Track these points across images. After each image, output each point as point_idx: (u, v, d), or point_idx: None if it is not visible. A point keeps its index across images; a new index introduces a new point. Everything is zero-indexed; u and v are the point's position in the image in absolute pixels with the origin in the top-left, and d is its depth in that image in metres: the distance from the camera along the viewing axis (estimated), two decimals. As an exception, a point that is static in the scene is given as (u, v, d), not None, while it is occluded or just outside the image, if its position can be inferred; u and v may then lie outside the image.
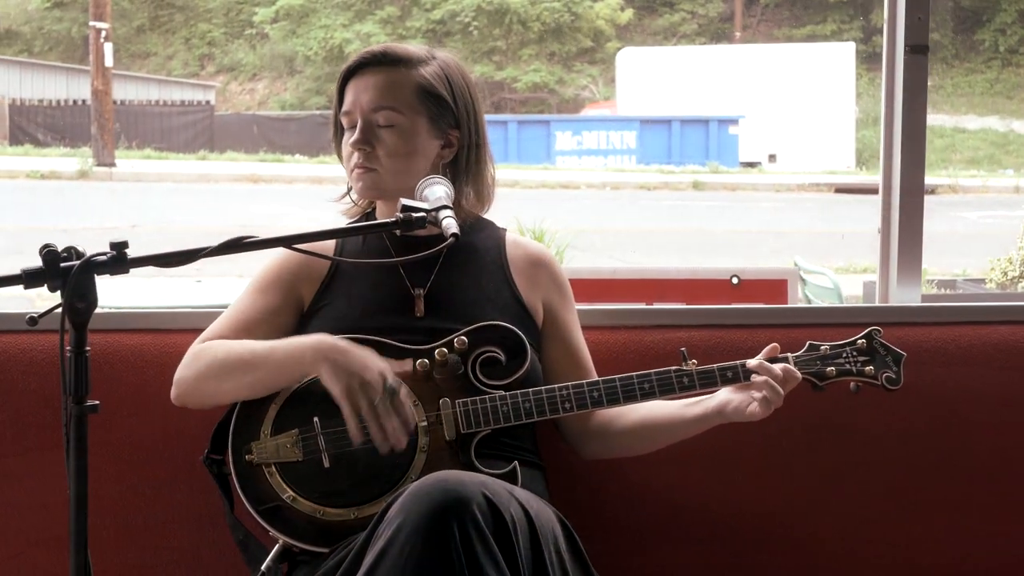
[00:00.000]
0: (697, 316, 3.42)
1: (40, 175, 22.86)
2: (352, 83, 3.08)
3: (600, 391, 2.98)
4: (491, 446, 2.95)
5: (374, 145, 3.03)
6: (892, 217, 3.61)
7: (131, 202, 19.59)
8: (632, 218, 19.34)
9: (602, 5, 34.99)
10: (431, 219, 2.65)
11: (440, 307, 3.04)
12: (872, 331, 3.05)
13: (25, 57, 34.56)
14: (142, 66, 35.53)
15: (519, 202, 20.34)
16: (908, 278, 3.59)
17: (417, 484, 2.60)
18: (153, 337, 3.25)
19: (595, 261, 14.67)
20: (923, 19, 3.54)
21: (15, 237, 15.34)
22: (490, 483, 2.65)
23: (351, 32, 33.44)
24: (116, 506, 3.21)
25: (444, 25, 34.07)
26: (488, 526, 2.56)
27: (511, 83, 34.20)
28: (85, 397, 2.41)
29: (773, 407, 2.95)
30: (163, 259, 2.50)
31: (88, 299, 2.40)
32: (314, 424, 2.89)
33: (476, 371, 2.96)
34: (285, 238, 2.57)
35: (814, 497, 3.37)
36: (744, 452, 3.30)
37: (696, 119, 28.01)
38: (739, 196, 22.65)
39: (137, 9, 36.75)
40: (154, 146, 27.99)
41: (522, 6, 33.96)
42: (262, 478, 2.89)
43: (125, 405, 3.21)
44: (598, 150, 28.05)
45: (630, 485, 3.29)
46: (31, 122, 30.88)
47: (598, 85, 34.39)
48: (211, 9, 36.71)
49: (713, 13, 36.22)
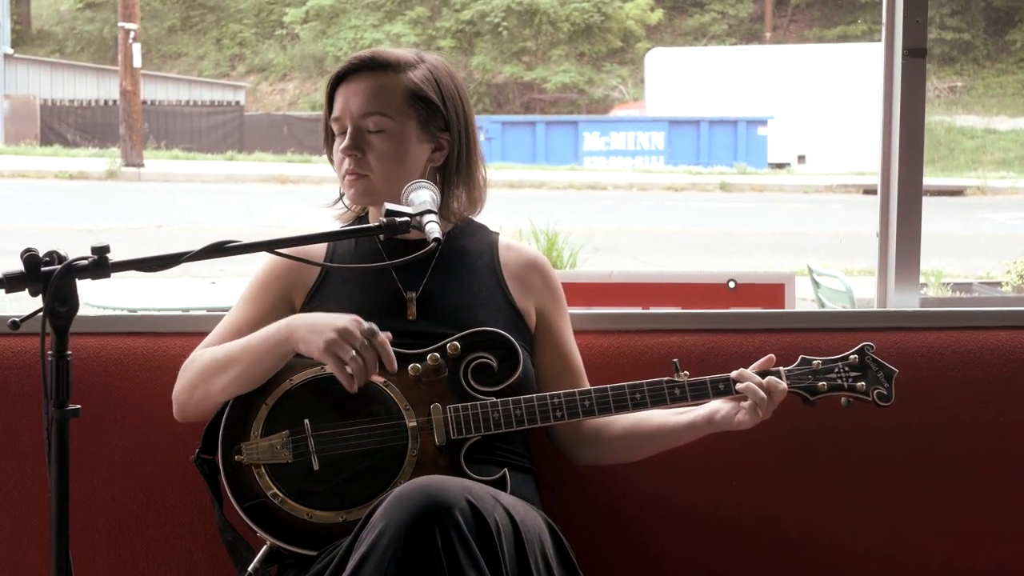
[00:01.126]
0: (692, 320, 3.41)
1: (68, 175, 22.96)
2: (341, 89, 3.08)
3: (591, 400, 2.98)
4: (483, 450, 2.95)
5: (364, 151, 3.03)
6: (890, 221, 3.60)
7: (158, 202, 19.65)
8: (657, 219, 19.30)
9: (632, 6, 34.95)
10: (415, 224, 2.66)
11: (432, 311, 3.05)
12: (864, 347, 3.06)
13: (57, 57, 34.73)
14: (173, 66, 35.66)
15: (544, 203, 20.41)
16: (906, 282, 3.57)
17: (400, 489, 2.60)
18: (145, 340, 3.26)
19: (618, 263, 14.66)
20: (921, 22, 3.52)
21: (39, 237, 15.39)
22: (474, 489, 2.65)
23: (381, 33, 33.47)
24: (108, 509, 3.22)
25: (474, 25, 34.09)
26: (471, 532, 2.56)
27: (541, 83, 34.20)
28: (67, 401, 2.42)
29: (761, 417, 2.95)
30: (145, 263, 2.51)
31: (69, 303, 2.41)
32: (304, 426, 2.89)
33: (468, 377, 2.95)
34: (268, 242, 2.57)
35: (809, 503, 3.35)
36: (738, 457, 3.29)
37: (724, 120, 27.95)
38: (766, 197, 22.60)
39: (168, 10, 36.89)
40: (182, 146, 28.07)
41: (552, 6, 33.94)
42: (251, 479, 2.90)
43: (117, 408, 3.22)
44: (626, 151, 28.01)
45: (623, 490, 3.28)
46: (62, 122, 31.03)
47: (628, 86, 34.36)
48: (242, 9, 36.81)
49: (743, 14, 36.14)
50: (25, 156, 25.28)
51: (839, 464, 3.35)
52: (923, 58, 3.53)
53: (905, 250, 3.58)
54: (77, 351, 3.17)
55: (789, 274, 4.39)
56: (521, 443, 3.06)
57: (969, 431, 3.39)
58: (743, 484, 3.33)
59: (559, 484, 3.23)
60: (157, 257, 2.50)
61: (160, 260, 2.50)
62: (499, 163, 26.48)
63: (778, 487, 3.35)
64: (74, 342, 3.20)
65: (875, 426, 3.31)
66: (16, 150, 26.67)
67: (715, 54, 32.01)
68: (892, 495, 3.37)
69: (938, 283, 10.31)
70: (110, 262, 2.44)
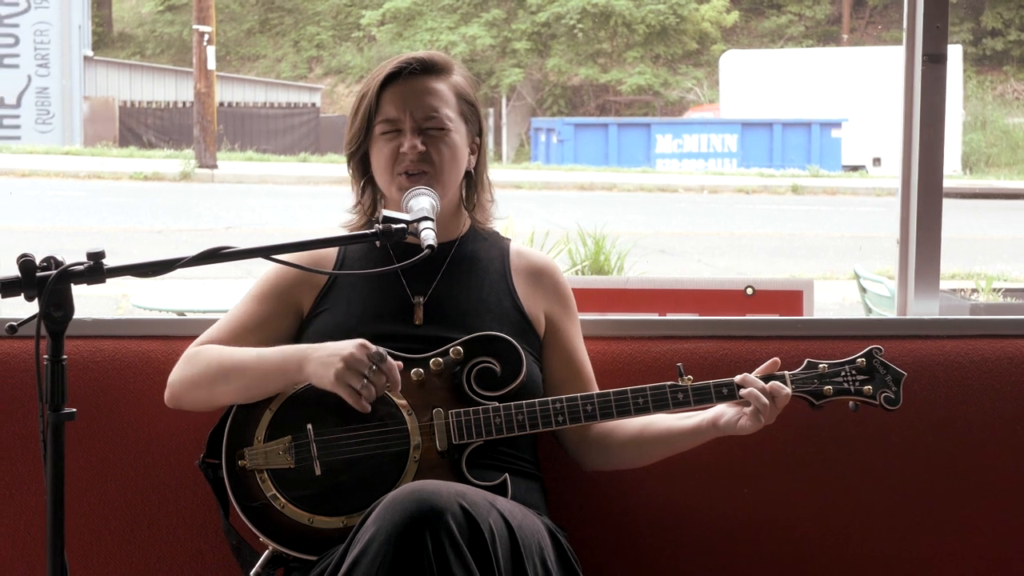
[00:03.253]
0: (706, 327, 3.40)
1: (143, 177, 23.14)
2: (394, 89, 3.07)
3: (594, 405, 2.97)
4: (488, 455, 2.96)
5: (428, 152, 3.03)
6: (910, 228, 3.56)
7: (229, 204, 19.76)
8: (727, 222, 19.21)
9: (708, 7, 34.76)
10: (411, 230, 2.67)
11: (439, 316, 3.05)
12: (873, 350, 3.03)
13: (138, 60, 35.03)
14: (251, 68, 35.86)
15: (614, 205, 20.38)
16: (926, 289, 3.54)
17: (393, 494, 2.62)
18: (162, 343, 3.29)
19: (682, 266, 14.61)
20: (941, 28, 3.49)
21: (111, 239, 15.54)
22: (469, 494, 2.65)
23: (456, 35, 33.50)
24: (122, 510, 3.25)
25: (549, 27, 34.02)
26: (463, 537, 2.57)
27: (616, 85, 34.10)
28: (62, 405, 2.45)
29: (764, 421, 2.93)
30: (140, 269, 2.54)
31: (65, 308, 2.44)
32: (307, 431, 2.91)
33: (471, 381, 2.96)
34: (266, 248, 2.59)
35: (822, 512, 3.33)
36: (746, 464, 3.28)
37: (798, 122, 27.75)
38: (838, 200, 22.41)
39: (247, 12, 37.10)
40: (256, 148, 28.22)
41: (627, 8, 33.82)
42: (254, 483, 2.92)
43: (131, 410, 3.26)
44: (699, 153, 27.88)
45: (632, 497, 3.28)
46: (140, 124, 31.30)
47: (703, 88, 34.19)
48: (320, 12, 36.94)
49: (820, 15, 35.86)
50: (101, 157, 25.52)
51: (852, 473, 3.32)
52: (943, 64, 3.50)
53: (925, 256, 3.55)
54: (92, 354, 3.23)
55: (807, 281, 4.35)
56: (528, 448, 3.06)
57: (986, 442, 3.35)
58: (752, 491, 3.31)
59: (568, 490, 3.22)
60: (152, 263, 2.52)
61: (155, 266, 2.53)
62: (570, 165, 26.46)
63: (790, 495, 3.33)
64: (93, 344, 3.28)
65: (889, 435, 3.29)
66: (93, 151, 26.92)
67: (790, 56, 31.78)
68: (906, 505, 3.34)
69: (989, 288, 10.17)
70: (105, 268, 2.47)
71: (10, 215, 17.81)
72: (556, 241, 9.82)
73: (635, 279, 4.31)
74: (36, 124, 30.64)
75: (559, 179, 24.43)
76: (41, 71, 30.88)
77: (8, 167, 23.82)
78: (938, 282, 3.55)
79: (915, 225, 3.55)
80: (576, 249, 9.75)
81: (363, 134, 3.09)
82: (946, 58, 3.49)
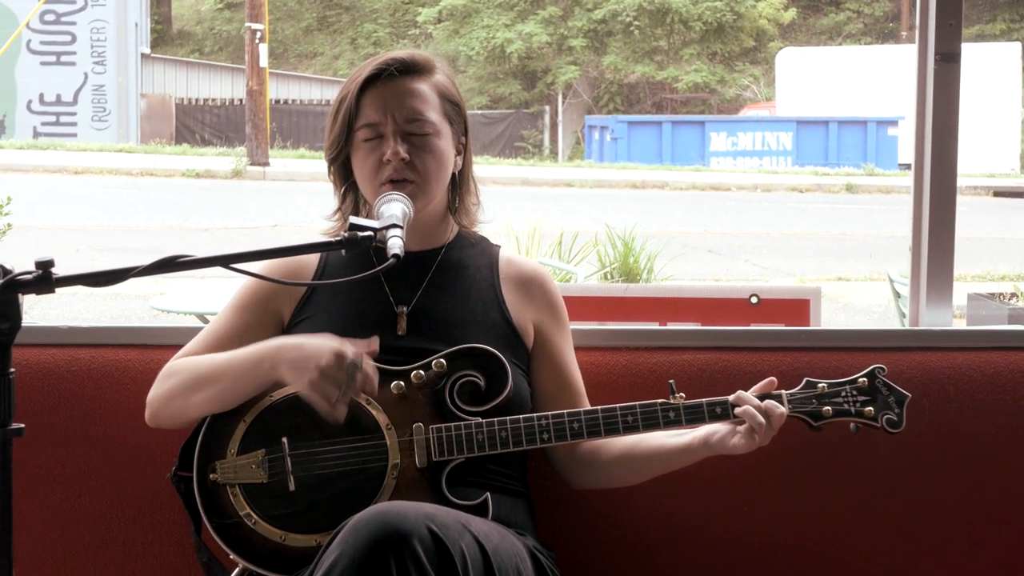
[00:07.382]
0: (706, 338, 3.27)
1: (195, 174, 23.22)
2: (374, 92, 2.94)
3: (580, 423, 2.85)
4: (471, 472, 2.84)
5: (412, 157, 2.91)
6: (922, 233, 3.42)
7: (278, 201, 19.77)
8: (778, 221, 19.03)
9: (765, 4, 34.58)
10: (379, 239, 2.55)
11: (423, 326, 2.94)
12: (875, 369, 2.90)
13: (196, 57, 35.22)
14: (309, 66, 35.97)
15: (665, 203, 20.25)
16: (938, 298, 3.38)
17: (358, 516, 2.51)
18: (138, 353, 3.20)
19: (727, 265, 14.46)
20: (954, 25, 3.35)
21: (157, 236, 15.57)
22: (439, 516, 2.54)
23: (513, 32, 33.48)
24: (96, 525, 3.16)
25: (606, 25, 33.94)
26: (431, 562, 2.46)
27: (672, 83, 33.97)
28: (9, 420, 2.35)
29: (758, 442, 2.80)
30: (91, 278, 2.43)
31: (11, 319, 2.34)
32: (282, 445, 2.80)
33: (453, 396, 2.84)
34: (223, 257, 2.48)
35: (824, 531, 3.20)
36: (744, 480, 3.16)
37: (854, 120, 27.54)
38: (892, 199, 22.16)
39: (305, 10, 37.22)
40: (308, 146, 28.24)
41: (684, 5, 33.68)
42: (225, 499, 2.81)
43: (106, 422, 3.17)
44: (753, 151, 27.73)
45: (622, 514, 3.16)
46: (196, 121, 31.45)
47: (760, 85, 34.01)
48: (377, 9, 37.02)
49: (879, 12, 35.60)
50: (155, 155, 25.63)
51: (856, 490, 3.19)
52: (956, 63, 3.36)
53: (937, 263, 3.39)
54: (68, 363, 3.14)
55: (814, 288, 4.23)
56: (516, 465, 2.93)
57: (998, 457, 3.22)
58: (753, 509, 3.19)
59: (557, 508, 3.11)
60: (103, 272, 2.42)
61: (106, 275, 2.42)
62: (624, 163, 26.35)
63: (791, 513, 3.20)
64: (70, 353, 3.19)
65: (895, 451, 3.14)
66: (146, 148, 27.05)
67: (847, 53, 31.57)
68: (912, 525, 3.20)
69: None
70: (54, 277, 2.36)
71: (58, 212, 17.87)
72: (584, 243, 9.66)
73: (635, 287, 4.19)
74: (92, 122, 30.86)
75: (611, 177, 24.33)
76: (97, 68, 31.09)
77: (62, 164, 23.97)
78: (951, 291, 3.40)
79: (927, 231, 3.41)
80: (605, 251, 9.58)
81: (343, 139, 2.96)
82: (959, 57, 3.36)
